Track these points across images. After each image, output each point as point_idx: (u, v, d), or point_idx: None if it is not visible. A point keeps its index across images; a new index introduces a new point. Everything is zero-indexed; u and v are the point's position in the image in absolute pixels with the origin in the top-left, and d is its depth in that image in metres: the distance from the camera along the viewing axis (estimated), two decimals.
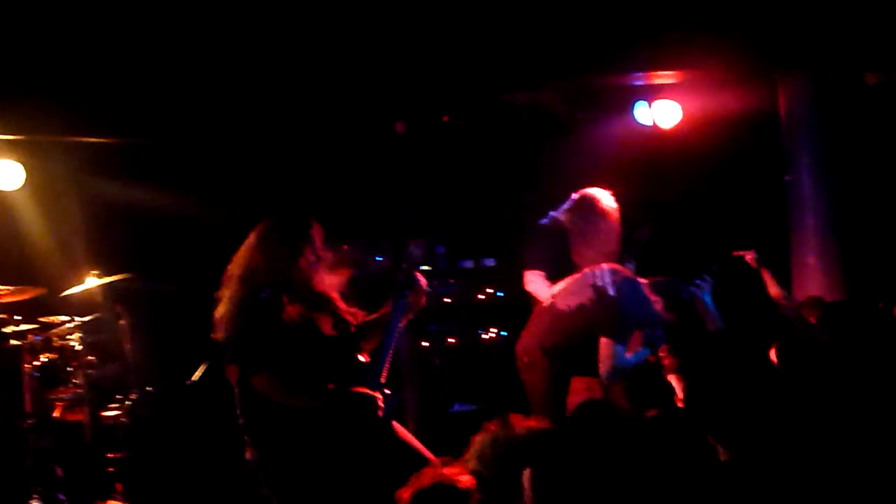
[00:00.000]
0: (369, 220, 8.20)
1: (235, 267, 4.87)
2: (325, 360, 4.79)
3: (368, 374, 4.79)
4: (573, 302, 5.94)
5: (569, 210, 6.76)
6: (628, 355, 5.71)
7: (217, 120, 7.56)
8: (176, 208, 7.80)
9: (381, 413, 4.73)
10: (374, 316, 5.05)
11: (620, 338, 5.67)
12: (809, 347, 4.86)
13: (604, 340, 5.69)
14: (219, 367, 5.04)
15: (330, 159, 8.29)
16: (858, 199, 7.24)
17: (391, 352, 4.88)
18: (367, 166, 8.39)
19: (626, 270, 6.04)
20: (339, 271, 5.15)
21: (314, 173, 8.24)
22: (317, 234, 4.93)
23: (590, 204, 6.67)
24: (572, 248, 6.52)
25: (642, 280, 5.92)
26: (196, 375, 6.56)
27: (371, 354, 4.89)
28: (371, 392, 4.72)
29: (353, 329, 4.95)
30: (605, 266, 5.98)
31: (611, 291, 5.80)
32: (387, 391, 4.80)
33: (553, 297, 6.19)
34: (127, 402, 6.96)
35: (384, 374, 4.83)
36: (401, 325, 4.97)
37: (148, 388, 7.16)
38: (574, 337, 5.90)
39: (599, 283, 5.85)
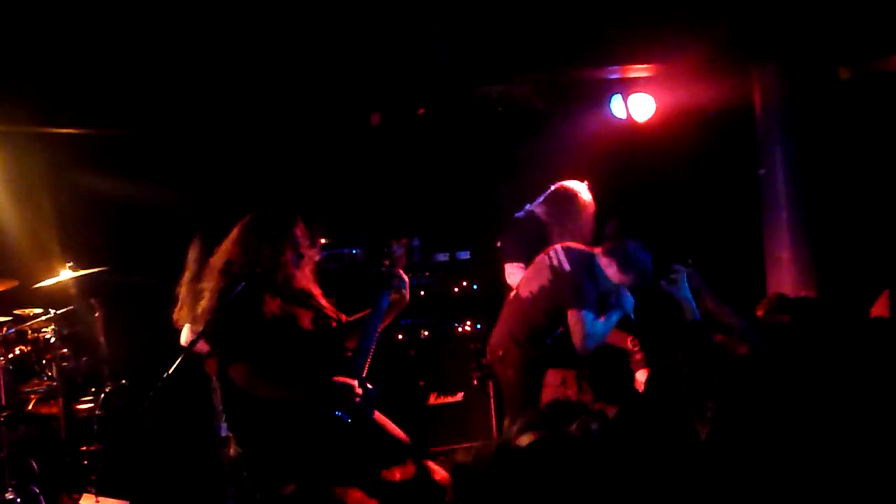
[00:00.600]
0: (343, 211, 8.20)
1: (217, 259, 4.88)
2: (304, 354, 4.80)
3: (349, 370, 4.79)
4: (534, 286, 5.99)
5: (545, 202, 6.81)
6: (599, 321, 5.75)
7: (192, 112, 7.52)
8: (151, 201, 7.76)
9: (358, 399, 4.74)
10: (357, 316, 5.06)
11: (584, 305, 5.71)
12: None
13: (571, 312, 5.73)
14: (196, 360, 5.02)
15: (304, 151, 8.28)
16: (831, 194, 7.28)
17: (372, 349, 4.89)
18: (342, 158, 8.37)
19: (580, 245, 6.07)
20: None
21: (289, 165, 8.23)
22: (301, 231, 4.93)
23: (566, 196, 6.73)
24: (549, 239, 6.55)
25: (596, 249, 5.97)
26: (172, 369, 6.53)
27: (353, 352, 4.90)
28: (348, 380, 4.73)
29: (333, 325, 4.96)
30: (557, 246, 6.04)
31: (567, 267, 5.86)
32: (368, 385, 4.80)
33: (516, 287, 6.23)
34: (101, 395, 6.94)
35: (364, 370, 4.83)
36: (383, 324, 4.98)
37: (122, 381, 7.13)
38: (542, 321, 5.93)
39: (555, 262, 5.92)
